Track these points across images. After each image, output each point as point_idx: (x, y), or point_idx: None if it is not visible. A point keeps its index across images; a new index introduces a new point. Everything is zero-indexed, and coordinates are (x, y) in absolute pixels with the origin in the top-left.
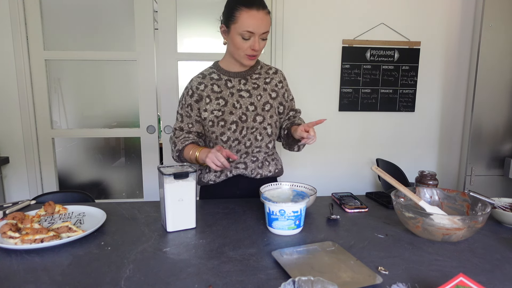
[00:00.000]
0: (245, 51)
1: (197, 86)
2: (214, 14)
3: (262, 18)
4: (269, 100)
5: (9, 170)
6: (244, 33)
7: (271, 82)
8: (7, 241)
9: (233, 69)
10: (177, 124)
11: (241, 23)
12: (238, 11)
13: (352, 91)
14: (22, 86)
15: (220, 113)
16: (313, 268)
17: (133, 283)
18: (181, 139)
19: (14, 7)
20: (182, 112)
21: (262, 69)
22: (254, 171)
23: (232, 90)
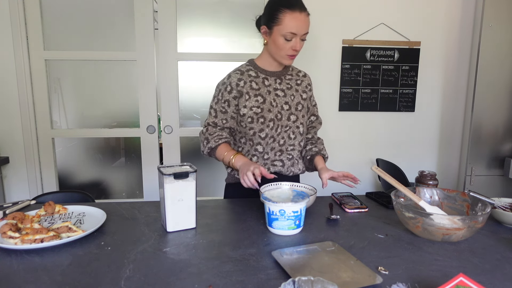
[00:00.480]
0: (286, 52)
1: (237, 83)
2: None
3: (304, 19)
4: (300, 101)
5: (9, 170)
6: (287, 34)
7: (302, 84)
8: (7, 241)
9: (270, 68)
10: (210, 119)
11: (285, 25)
12: (282, 13)
13: (352, 91)
14: (22, 86)
15: (259, 110)
16: (313, 268)
17: (133, 283)
18: (215, 136)
19: (14, 7)
20: (217, 107)
21: (293, 71)
22: (289, 168)
23: (269, 88)
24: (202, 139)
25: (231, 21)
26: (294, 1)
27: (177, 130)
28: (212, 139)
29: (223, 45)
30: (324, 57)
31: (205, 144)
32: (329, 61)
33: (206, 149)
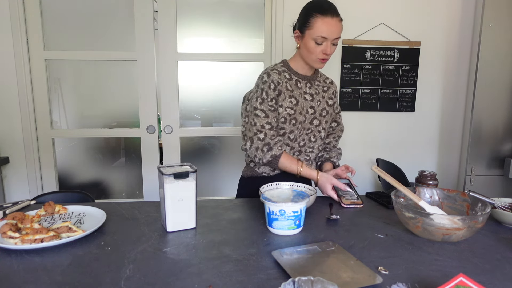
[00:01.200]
0: (317, 55)
1: (278, 81)
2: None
3: (336, 24)
4: (326, 107)
5: (9, 170)
6: (317, 38)
7: (328, 90)
8: (7, 241)
9: (301, 71)
10: (261, 121)
11: (316, 29)
12: (314, 18)
13: (352, 91)
14: (22, 86)
15: (293, 111)
16: (313, 268)
17: (133, 283)
18: (277, 142)
19: (14, 7)
20: (264, 107)
21: (321, 77)
22: None
23: (301, 91)
24: (260, 145)
25: (231, 21)
26: (327, 7)
27: (177, 130)
28: (274, 145)
29: (223, 45)
30: None
31: (265, 151)
32: (329, 61)
33: (269, 157)
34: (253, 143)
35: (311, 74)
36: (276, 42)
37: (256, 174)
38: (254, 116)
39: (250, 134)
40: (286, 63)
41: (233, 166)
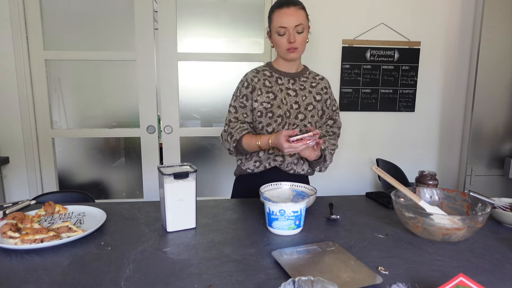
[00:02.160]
0: (284, 46)
1: (252, 78)
2: (214, 14)
3: (292, 13)
4: (312, 102)
5: (9, 170)
6: (279, 30)
7: (317, 86)
8: (7, 241)
9: (283, 69)
10: (230, 116)
11: (275, 21)
12: (273, 14)
13: (352, 91)
14: (22, 86)
15: (269, 105)
16: (313, 268)
17: (133, 283)
18: (237, 129)
19: (14, 7)
20: (236, 104)
21: (310, 74)
22: (290, 165)
23: (281, 87)
24: (225, 137)
25: (231, 21)
26: (284, 1)
27: (177, 130)
28: (235, 132)
29: (223, 45)
30: (324, 57)
31: (229, 140)
32: (329, 61)
33: (231, 143)
34: (222, 137)
35: (295, 71)
36: None
37: (242, 172)
38: (228, 113)
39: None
40: (269, 63)
41: (233, 166)
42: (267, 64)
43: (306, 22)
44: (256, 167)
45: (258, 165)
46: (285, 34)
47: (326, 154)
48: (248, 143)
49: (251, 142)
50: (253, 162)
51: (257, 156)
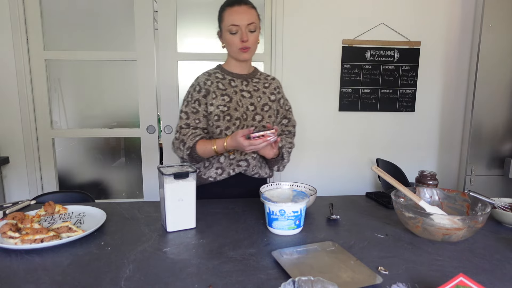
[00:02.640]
0: (237, 46)
1: (205, 82)
2: (214, 14)
3: (244, 11)
4: (268, 102)
5: (9, 170)
6: (230, 28)
7: (270, 86)
8: (7, 241)
9: (235, 70)
10: (181, 122)
11: (226, 20)
12: (224, 12)
13: (352, 91)
14: (22, 86)
15: (226, 108)
16: (313, 268)
17: (133, 283)
18: (190, 135)
19: (14, 7)
20: (187, 109)
21: (261, 75)
22: (255, 169)
23: (235, 89)
24: (177, 144)
25: None
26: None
27: None
28: (188, 138)
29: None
30: (324, 57)
31: (181, 147)
32: (329, 61)
33: (185, 151)
34: (174, 144)
35: (247, 73)
36: (276, 42)
37: (203, 181)
38: (179, 119)
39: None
40: (219, 66)
41: None
42: (217, 66)
43: (258, 22)
44: (219, 175)
45: (220, 172)
46: (238, 32)
47: (283, 152)
48: (203, 149)
49: (206, 147)
50: (214, 170)
51: (218, 163)
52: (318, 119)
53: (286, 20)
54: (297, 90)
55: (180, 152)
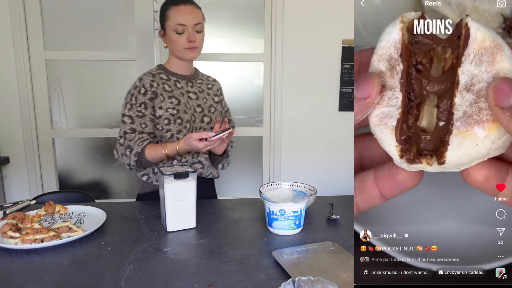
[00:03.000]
0: (183, 45)
1: (150, 84)
2: (214, 14)
3: (191, 11)
4: (213, 104)
5: (9, 170)
6: (177, 28)
7: (213, 88)
8: (7, 241)
9: (179, 71)
10: (126, 127)
11: (172, 19)
12: (168, 10)
13: (352, 91)
14: (22, 86)
15: (175, 111)
16: (313, 268)
17: (133, 283)
18: (137, 141)
19: (14, 7)
20: (132, 113)
21: (203, 76)
22: (209, 169)
23: (182, 91)
24: (122, 151)
25: (231, 21)
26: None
27: None
28: (134, 144)
29: (223, 45)
30: (324, 57)
31: (128, 154)
32: (329, 61)
33: (133, 157)
34: (118, 151)
35: (190, 74)
36: (276, 42)
37: (154, 188)
38: (121, 123)
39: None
40: (161, 66)
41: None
42: (159, 66)
43: (203, 22)
44: None
45: None
46: (184, 32)
47: (228, 149)
48: (153, 154)
49: (156, 152)
50: None
51: None
52: (318, 119)
53: (286, 20)
54: (297, 90)
55: (127, 158)
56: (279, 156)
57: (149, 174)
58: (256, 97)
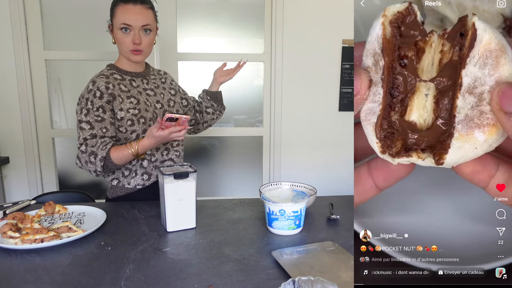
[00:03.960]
0: (128, 46)
1: (106, 86)
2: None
3: (140, 12)
4: (171, 97)
5: (9, 170)
6: (122, 26)
7: (166, 81)
8: (7, 241)
9: (131, 69)
10: (85, 133)
11: (118, 17)
12: (116, 7)
13: (352, 91)
14: (22, 86)
15: (137, 111)
16: (313, 268)
17: (133, 283)
18: (100, 145)
19: (14, 7)
20: (89, 118)
21: (154, 71)
22: None
23: (139, 89)
24: (86, 158)
25: (231, 21)
26: None
27: None
28: (98, 149)
29: (223, 45)
30: (324, 57)
31: (93, 160)
32: (329, 61)
33: (99, 162)
34: (81, 159)
35: (143, 70)
36: (276, 42)
37: (131, 190)
38: (79, 130)
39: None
40: (112, 65)
41: (233, 166)
42: (110, 66)
43: (154, 23)
44: (146, 180)
45: (147, 177)
46: (130, 33)
47: None
48: (119, 156)
49: (122, 153)
50: (140, 176)
51: (142, 168)
52: (318, 119)
53: (286, 20)
54: (297, 90)
55: (92, 165)
56: (279, 156)
57: (119, 178)
58: (256, 97)
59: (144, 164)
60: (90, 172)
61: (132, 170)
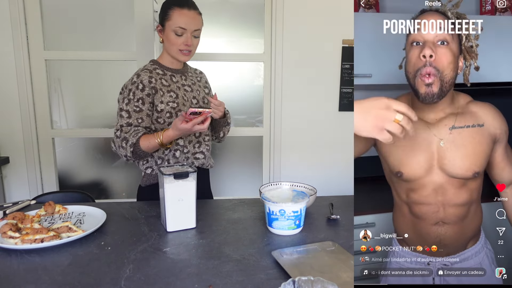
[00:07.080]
0: (178, 47)
1: (149, 80)
2: (214, 14)
3: (193, 17)
4: (205, 95)
5: (9, 170)
6: (177, 29)
7: (201, 80)
8: (7, 241)
9: (172, 66)
10: (123, 121)
11: (174, 20)
12: (172, 10)
13: (352, 91)
14: (22, 86)
15: (175, 104)
16: (313, 268)
17: (133, 283)
18: (132, 132)
19: (14, 7)
20: (129, 108)
21: (191, 69)
22: (209, 160)
23: (178, 84)
24: (119, 143)
25: (231, 21)
26: (184, 0)
27: None
28: (130, 136)
29: (223, 45)
30: (324, 57)
31: (124, 145)
32: (329, 61)
33: (129, 148)
34: (115, 143)
35: (182, 67)
36: (276, 42)
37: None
38: (119, 117)
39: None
40: (155, 61)
41: (233, 166)
42: (153, 62)
43: (201, 28)
44: None
45: None
46: (183, 35)
47: (227, 113)
48: (147, 144)
49: (149, 141)
50: None
51: (174, 158)
52: (318, 119)
53: (286, 20)
54: (297, 90)
55: (123, 150)
56: (279, 156)
57: (153, 167)
58: (256, 97)
59: (176, 154)
60: (121, 156)
61: (164, 160)
